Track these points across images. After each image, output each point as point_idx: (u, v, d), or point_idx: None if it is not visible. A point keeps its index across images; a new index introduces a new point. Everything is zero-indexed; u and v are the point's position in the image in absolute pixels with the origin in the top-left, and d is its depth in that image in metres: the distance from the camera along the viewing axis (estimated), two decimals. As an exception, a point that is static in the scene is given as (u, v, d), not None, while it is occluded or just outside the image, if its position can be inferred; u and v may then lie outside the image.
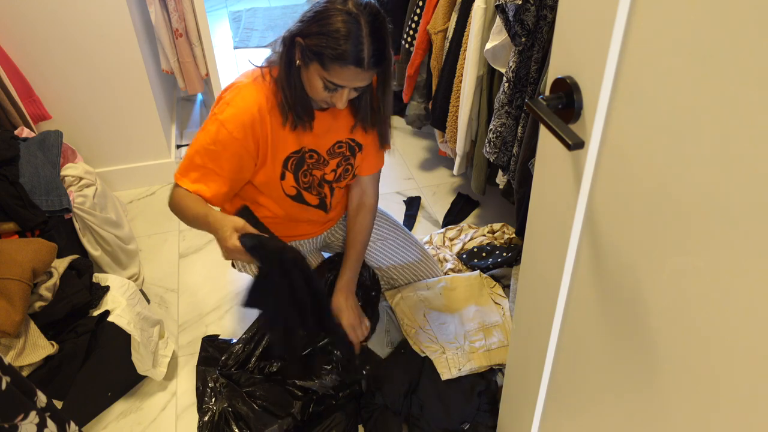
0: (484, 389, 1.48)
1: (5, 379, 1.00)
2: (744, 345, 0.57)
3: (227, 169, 1.28)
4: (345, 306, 1.48)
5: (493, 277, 1.84)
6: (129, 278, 1.89)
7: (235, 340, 1.58)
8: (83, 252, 1.83)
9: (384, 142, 1.44)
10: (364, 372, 1.50)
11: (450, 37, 1.95)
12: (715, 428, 0.64)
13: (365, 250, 1.58)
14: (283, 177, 1.38)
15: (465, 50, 1.84)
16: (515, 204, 1.77)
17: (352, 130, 1.42)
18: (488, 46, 1.68)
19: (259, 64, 1.33)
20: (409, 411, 1.45)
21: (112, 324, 1.51)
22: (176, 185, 1.29)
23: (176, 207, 1.30)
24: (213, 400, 1.50)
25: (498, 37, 1.65)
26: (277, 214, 1.48)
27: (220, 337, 1.80)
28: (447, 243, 2.02)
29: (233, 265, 1.67)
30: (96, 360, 1.50)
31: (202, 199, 1.27)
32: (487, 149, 1.77)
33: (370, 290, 1.61)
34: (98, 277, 1.62)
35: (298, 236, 1.59)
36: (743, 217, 0.53)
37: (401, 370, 1.51)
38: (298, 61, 1.21)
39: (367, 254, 1.68)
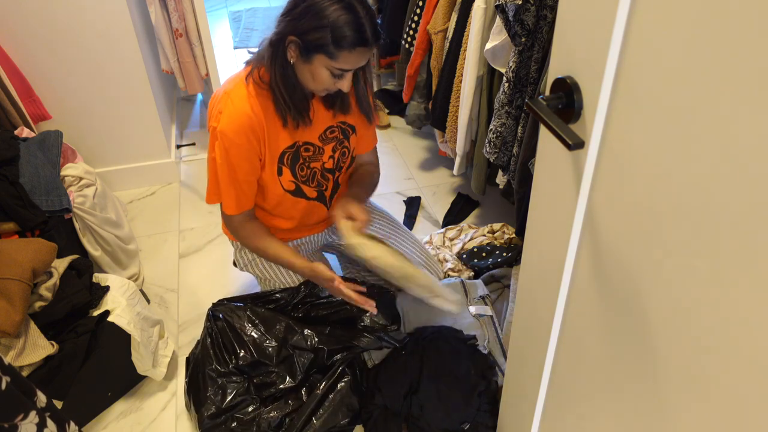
0: (484, 389, 1.48)
1: (5, 379, 1.00)
2: (744, 345, 0.57)
3: (244, 173, 1.36)
4: (344, 203, 1.44)
5: (493, 277, 1.84)
6: (129, 278, 1.89)
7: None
8: (83, 252, 1.83)
9: (369, 117, 1.47)
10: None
11: (450, 37, 1.95)
12: (715, 428, 0.64)
13: (369, 196, 1.60)
14: (280, 172, 1.41)
15: (465, 50, 1.84)
16: (515, 204, 1.77)
17: (335, 114, 1.44)
18: (488, 46, 1.68)
19: (242, 67, 1.36)
20: (409, 411, 1.45)
21: (112, 324, 1.51)
22: (226, 214, 1.43)
23: (250, 246, 1.50)
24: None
25: (498, 37, 1.65)
26: (287, 227, 1.54)
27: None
28: (447, 243, 2.02)
29: (234, 264, 1.68)
30: (96, 360, 1.50)
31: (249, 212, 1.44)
32: (487, 149, 1.77)
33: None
34: (98, 277, 1.62)
35: (302, 236, 1.61)
36: (743, 217, 0.53)
37: (401, 371, 1.51)
38: (292, 60, 1.24)
39: None
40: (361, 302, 1.41)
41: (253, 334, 1.48)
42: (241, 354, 1.47)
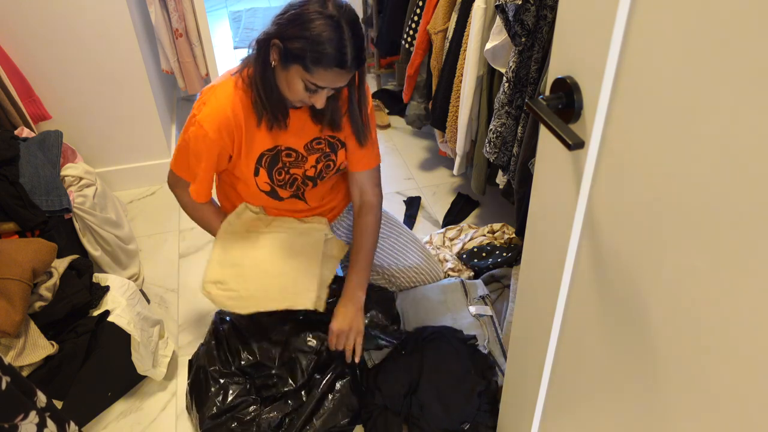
0: (484, 389, 1.47)
1: (5, 379, 1.00)
2: (744, 345, 0.57)
3: (205, 167, 1.37)
4: (340, 312, 1.44)
5: (493, 277, 1.84)
6: (129, 278, 1.89)
7: None
8: (83, 252, 1.83)
9: (360, 140, 1.43)
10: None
11: (450, 37, 1.95)
12: (715, 428, 0.64)
13: (373, 254, 1.55)
14: (257, 173, 1.41)
15: (465, 50, 1.84)
16: (515, 204, 1.77)
17: (323, 130, 1.42)
18: (488, 46, 1.68)
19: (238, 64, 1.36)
20: (409, 411, 1.45)
21: (112, 324, 1.51)
22: (173, 172, 1.45)
23: (190, 211, 1.53)
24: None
25: (498, 37, 1.65)
26: (252, 203, 1.54)
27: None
28: (447, 243, 2.02)
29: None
30: (96, 360, 1.50)
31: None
32: (487, 149, 1.77)
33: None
34: (98, 277, 1.62)
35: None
36: (743, 217, 0.53)
37: (401, 371, 1.51)
38: (273, 63, 1.23)
39: None
40: None
41: (257, 336, 1.48)
42: (244, 355, 1.47)
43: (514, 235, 1.93)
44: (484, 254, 1.90)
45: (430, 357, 1.52)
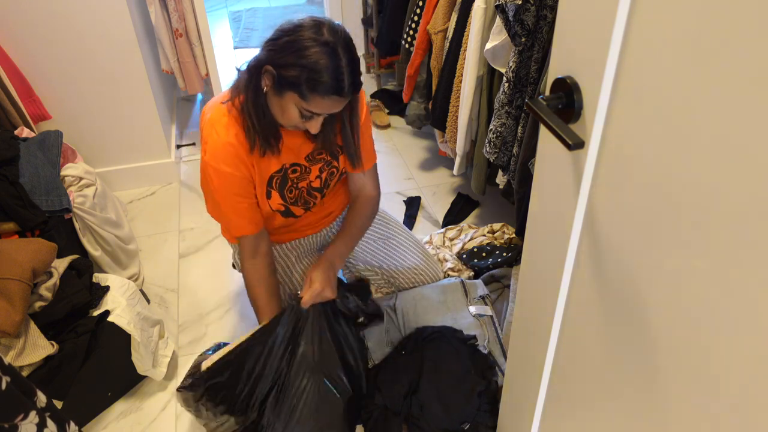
0: (484, 389, 1.48)
1: (5, 379, 1.00)
2: (744, 345, 0.57)
3: (242, 200, 1.33)
4: (317, 276, 1.41)
5: (493, 277, 1.84)
6: (129, 278, 1.89)
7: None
8: (83, 252, 1.83)
9: (353, 162, 1.41)
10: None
11: (450, 37, 1.95)
12: (715, 429, 0.64)
13: (361, 235, 1.56)
14: (269, 195, 1.39)
15: (465, 50, 1.84)
16: (515, 204, 1.77)
17: (321, 150, 1.41)
18: (488, 46, 1.68)
19: (226, 93, 1.32)
20: (409, 411, 1.45)
21: (112, 324, 1.51)
22: (235, 244, 1.41)
23: (245, 279, 1.46)
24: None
25: (498, 37, 1.65)
26: (277, 225, 1.51)
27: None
28: (447, 243, 2.02)
29: (234, 266, 1.68)
30: (96, 360, 1.50)
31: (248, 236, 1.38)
32: (487, 149, 1.77)
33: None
34: (98, 277, 1.62)
35: (297, 236, 1.60)
36: (743, 217, 0.53)
37: (401, 371, 1.51)
38: (265, 88, 1.20)
39: (367, 254, 1.68)
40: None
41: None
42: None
43: (514, 235, 1.93)
44: (484, 254, 1.90)
45: (430, 357, 1.52)
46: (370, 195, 1.56)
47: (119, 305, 1.55)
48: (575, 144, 0.70)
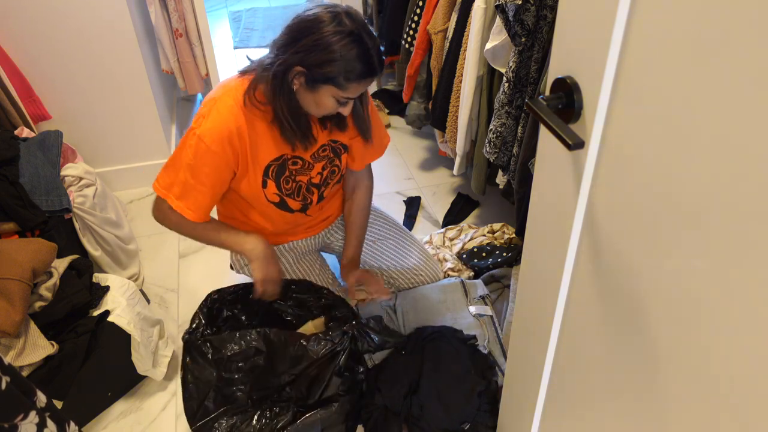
0: (484, 389, 1.48)
1: (5, 379, 1.00)
2: (744, 345, 0.57)
3: (207, 183, 1.32)
4: (349, 270, 1.59)
5: (493, 277, 1.84)
6: (129, 278, 1.89)
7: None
8: (83, 252, 1.83)
9: (365, 136, 1.46)
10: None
11: (450, 37, 1.95)
12: (715, 428, 0.64)
13: (365, 230, 1.63)
14: (264, 185, 1.39)
15: (465, 50, 1.84)
16: (515, 204, 1.77)
17: (331, 132, 1.43)
18: (488, 46, 1.68)
19: (238, 72, 1.33)
20: (409, 411, 1.45)
21: (112, 324, 1.51)
22: (159, 198, 1.34)
23: (172, 226, 1.40)
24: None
25: (498, 37, 1.65)
26: (265, 228, 1.51)
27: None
28: (447, 243, 2.02)
29: (231, 267, 1.68)
30: (96, 360, 1.50)
31: (186, 218, 1.35)
32: (487, 149, 1.77)
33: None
34: (98, 277, 1.62)
35: (295, 238, 1.60)
36: (743, 216, 0.53)
37: (401, 372, 1.51)
38: (296, 87, 1.23)
39: (367, 255, 1.68)
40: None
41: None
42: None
43: (514, 235, 1.93)
44: (484, 254, 1.90)
45: (430, 357, 1.52)
46: (366, 185, 1.61)
47: (119, 305, 1.55)
48: (575, 144, 0.70)
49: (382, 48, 1.27)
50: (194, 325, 1.45)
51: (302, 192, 1.46)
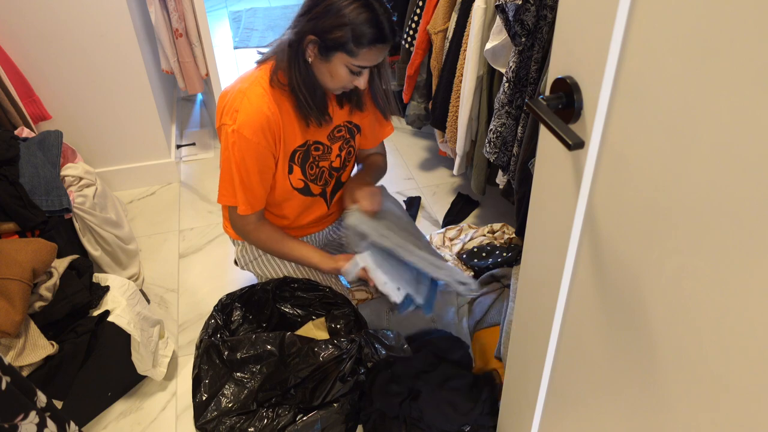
0: (487, 397, 1.47)
1: (5, 379, 1.00)
2: (743, 344, 0.57)
3: (257, 174, 1.35)
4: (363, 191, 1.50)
5: (493, 277, 1.84)
6: (129, 278, 1.89)
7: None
8: (83, 252, 1.83)
9: (385, 114, 1.49)
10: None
11: (450, 37, 1.95)
12: (715, 428, 0.64)
13: (379, 177, 1.65)
14: (291, 170, 1.42)
15: (465, 50, 1.84)
16: (515, 204, 1.77)
17: (351, 112, 1.46)
18: (488, 46, 1.68)
19: (254, 67, 1.36)
20: (409, 414, 1.45)
21: (112, 324, 1.51)
22: (230, 209, 1.42)
23: (270, 249, 1.50)
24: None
25: (498, 37, 1.65)
26: (287, 216, 1.54)
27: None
28: (447, 243, 2.02)
29: (236, 263, 1.68)
30: (96, 360, 1.50)
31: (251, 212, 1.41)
32: (487, 149, 1.77)
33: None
34: (98, 277, 1.62)
35: (302, 234, 1.62)
36: (743, 216, 0.53)
37: (396, 379, 1.50)
38: (310, 59, 1.26)
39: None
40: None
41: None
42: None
43: (514, 235, 1.93)
44: (484, 254, 1.90)
45: (427, 364, 1.52)
46: (379, 153, 1.65)
47: (119, 305, 1.55)
48: (575, 144, 0.70)
49: (394, 18, 1.27)
50: (212, 329, 1.51)
51: (324, 177, 1.50)
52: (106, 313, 1.52)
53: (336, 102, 1.43)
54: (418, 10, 2.13)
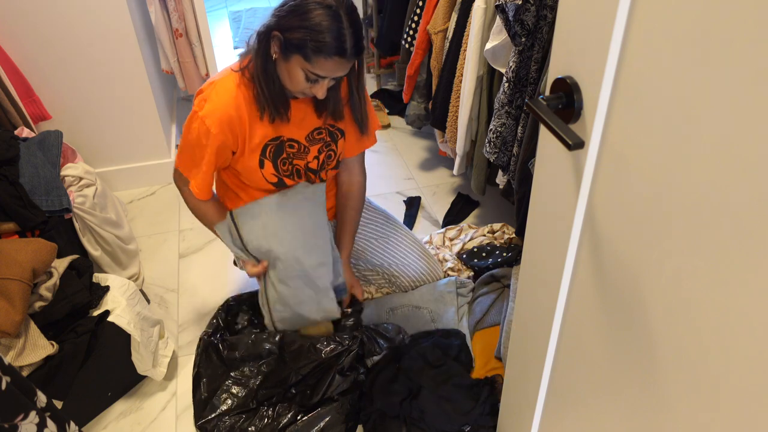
0: (487, 397, 1.47)
1: (5, 379, 1.00)
2: (743, 344, 0.57)
3: (208, 162, 1.36)
4: (353, 280, 1.58)
5: (493, 277, 1.84)
6: (129, 278, 1.89)
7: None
8: (83, 252, 1.83)
9: (362, 130, 1.46)
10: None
11: (450, 37, 1.95)
12: (715, 428, 0.64)
13: (356, 229, 1.62)
14: (262, 165, 1.41)
15: (465, 50, 1.84)
16: (515, 204, 1.77)
17: (326, 120, 1.44)
18: (488, 46, 1.68)
19: (237, 59, 1.36)
20: (409, 414, 1.45)
21: (112, 324, 1.51)
22: (179, 174, 1.43)
23: (193, 208, 1.48)
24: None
25: (498, 37, 1.65)
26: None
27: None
28: (447, 243, 2.02)
29: (234, 263, 1.68)
30: (96, 360, 1.50)
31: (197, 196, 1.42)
32: (487, 149, 1.77)
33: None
34: (98, 277, 1.62)
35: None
36: (743, 216, 0.53)
37: (397, 379, 1.50)
38: (275, 55, 1.24)
39: (368, 253, 1.68)
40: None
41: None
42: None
43: (514, 235, 1.93)
44: (484, 254, 1.90)
45: (425, 365, 1.52)
46: (359, 183, 1.59)
47: (119, 305, 1.55)
48: (575, 144, 0.70)
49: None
50: (212, 329, 1.53)
51: (299, 174, 1.48)
52: (106, 313, 1.52)
53: (313, 107, 1.41)
54: (418, 10, 2.13)
